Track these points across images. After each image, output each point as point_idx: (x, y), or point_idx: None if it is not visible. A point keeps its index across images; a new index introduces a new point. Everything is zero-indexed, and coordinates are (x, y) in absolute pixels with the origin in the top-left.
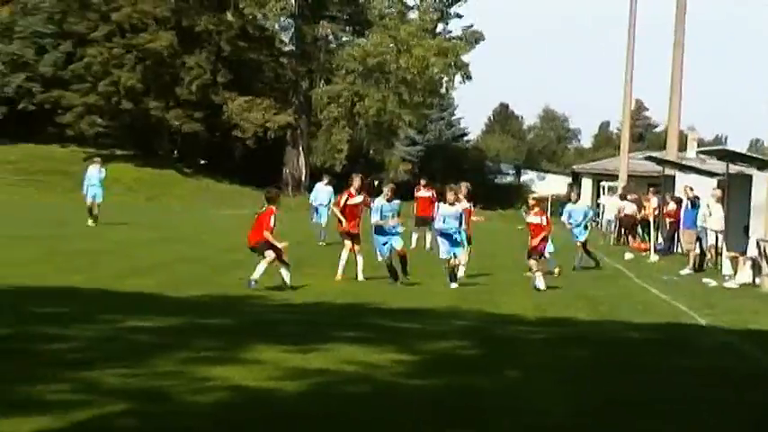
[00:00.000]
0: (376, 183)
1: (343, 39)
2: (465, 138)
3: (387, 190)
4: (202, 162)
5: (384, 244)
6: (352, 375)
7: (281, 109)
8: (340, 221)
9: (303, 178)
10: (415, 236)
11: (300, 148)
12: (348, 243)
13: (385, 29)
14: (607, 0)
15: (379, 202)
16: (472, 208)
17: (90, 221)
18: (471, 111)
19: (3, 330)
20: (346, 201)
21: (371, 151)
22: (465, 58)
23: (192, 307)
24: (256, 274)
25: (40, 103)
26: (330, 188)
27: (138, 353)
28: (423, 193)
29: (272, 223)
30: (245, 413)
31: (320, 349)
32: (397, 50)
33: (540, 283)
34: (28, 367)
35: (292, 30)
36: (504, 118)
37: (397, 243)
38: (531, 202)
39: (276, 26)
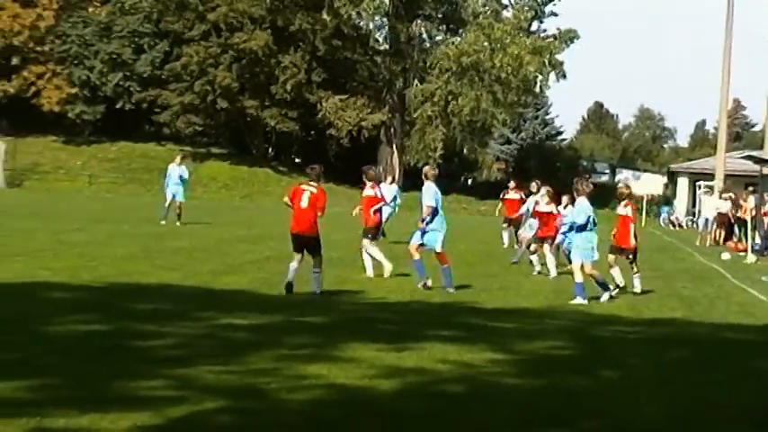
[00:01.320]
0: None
1: (438, 38)
2: (560, 137)
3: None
4: (297, 161)
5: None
6: (446, 374)
7: (376, 108)
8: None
9: (397, 177)
10: (505, 234)
11: (394, 147)
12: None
13: (479, 27)
14: None
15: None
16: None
17: (177, 222)
18: (566, 110)
19: (101, 327)
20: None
21: (465, 150)
22: (560, 56)
23: (285, 304)
24: (369, 270)
25: (138, 102)
26: (395, 186)
27: (233, 350)
28: (511, 195)
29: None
30: (340, 411)
31: (414, 348)
32: (491, 49)
33: (619, 278)
34: (125, 364)
35: (386, 29)
36: (599, 117)
37: (431, 241)
38: (624, 190)
39: (371, 25)
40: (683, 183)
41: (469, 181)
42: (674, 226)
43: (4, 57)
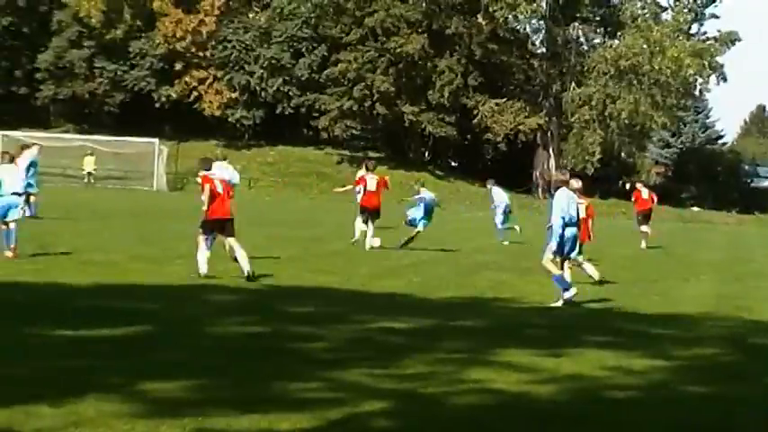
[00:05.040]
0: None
1: (595, 41)
2: (720, 140)
3: None
4: (453, 164)
5: None
6: (604, 380)
7: (532, 112)
8: None
9: (553, 181)
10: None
11: (551, 151)
12: None
13: (638, 30)
14: None
15: None
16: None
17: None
18: (727, 113)
19: (260, 329)
20: None
21: (623, 154)
22: (720, 59)
23: (441, 308)
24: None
25: (297, 106)
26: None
27: (389, 353)
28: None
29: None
30: (498, 415)
31: (571, 353)
32: (650, 52)
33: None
34: (284, 365)
35: (543, 32)
36: (761, 120)
37: None
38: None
39: (527, 28)
40: None
41: (627, 185)
42: None
43: (167, 62)
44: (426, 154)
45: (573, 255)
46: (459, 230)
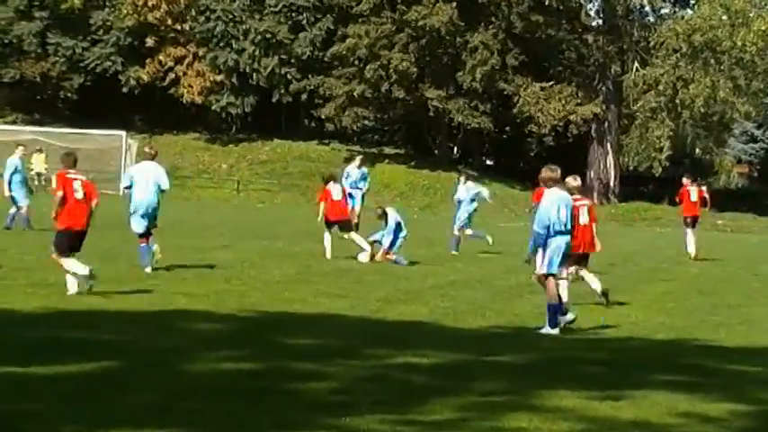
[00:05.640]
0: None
1: (663, 11)
2: None
3: None
4: (488, 163)
5: None
6: (674, 429)
7: (586, 98)
8: None
9: (612, 183)
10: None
11: (609, 147)
12: None
13: None
14: None
15: None
16: None
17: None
18: None
19: (251, 365)
20: None
21: (698, 150)
22: None
23: (474, 340)
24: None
25: (296, 92)
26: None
27: (410, 396)
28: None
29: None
30: None
31: (634, 396)
32: (731, 24)
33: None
34: (281, 410)
35: (599, 0)
36: None
37: None
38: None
39: None
40: None
41: (704, 188)
42: None
43: (136, 37)
44: (455, 150)
45: (555, 269)
46: (496, 245)
